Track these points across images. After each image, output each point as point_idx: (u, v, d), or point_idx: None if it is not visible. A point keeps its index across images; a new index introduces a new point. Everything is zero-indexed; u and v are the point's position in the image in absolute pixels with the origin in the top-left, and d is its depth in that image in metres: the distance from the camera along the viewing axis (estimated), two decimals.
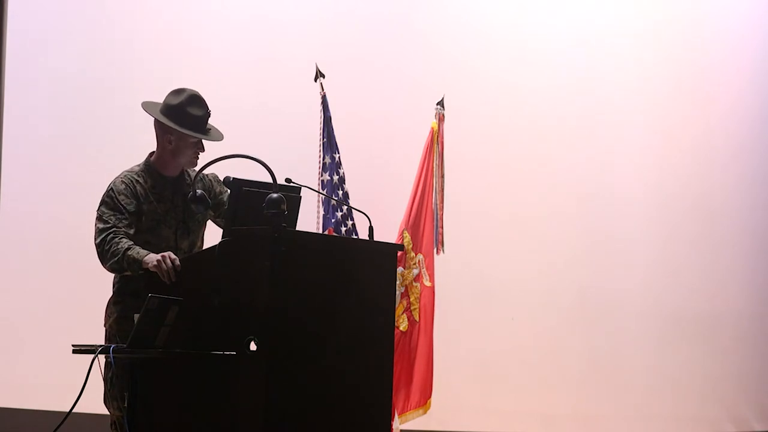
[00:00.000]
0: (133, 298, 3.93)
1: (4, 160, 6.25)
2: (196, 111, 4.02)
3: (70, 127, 6.32)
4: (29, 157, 6.28)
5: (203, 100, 4.06)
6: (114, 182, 4.03)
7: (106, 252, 3.88)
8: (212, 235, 4.18)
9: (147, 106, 4.11)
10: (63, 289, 6.16)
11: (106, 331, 4.05)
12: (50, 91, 6.33)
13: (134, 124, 6.09)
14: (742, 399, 7.36)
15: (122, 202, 3.96)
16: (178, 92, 4.06)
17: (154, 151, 4.12)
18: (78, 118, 6.33)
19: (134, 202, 3.99)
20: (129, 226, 3.96)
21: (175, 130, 4.00)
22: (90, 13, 6.42)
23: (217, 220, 4.19)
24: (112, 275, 4.04)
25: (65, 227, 6.17)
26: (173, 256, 3.75)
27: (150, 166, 4.09)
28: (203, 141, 4.07)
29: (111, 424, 4.03)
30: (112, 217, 3.94)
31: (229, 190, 3.84)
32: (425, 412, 5.94)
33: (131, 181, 4.03)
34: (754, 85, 7.55)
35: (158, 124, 4.07)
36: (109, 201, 3.98)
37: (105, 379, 3.86)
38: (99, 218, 3.97)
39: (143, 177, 4.06)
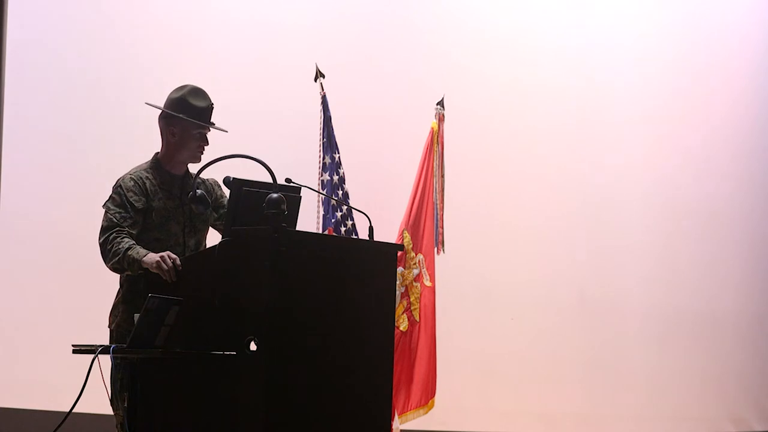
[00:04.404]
0: (142, 299, 3.91)
1: (4, 160, 6.25)
2: (198, 102, 4.04)
3: (70, 127, 6.32)
4: (29, 157, 6.28)
5: (205, 92, 4.08)
6: (122, 179, 4.04)
7: (108, 251, 3.90)
8: (212, 235, 4.19)
9: (150, 104, 4.13)
10: (63, 289, 6.16)
11: (112, 332, 4.02)
12: (50, 92, 6.33)
13: (134, 124, 6.12)
14: (742, 399, 7.37)
15: (130, 199, 3.97)
16: (181, 87, 4.09)
17: (158, 151, 4.13)
18: (78, 119, 6.33)
19: (143, 199, 4.00)
20: (133, 225, 3.96)
21: (179, 120, 4.02)
22: (90, 13, 6.42)
23: (217, 223, 4.19)
24: (114, 274, 4.04)
25: (65, 227, 6.17)
26: (173, 255, 3.75)
27: (157, 163, 4.11)
28: (207, 136, 4.08)
29: (117, 426, 4.02)
30: (117, 215, 3.94)
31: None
32: (426, 412, 5.94)
33: (140, 177, 4.03)
34: (754, 85, 7.56)
35: (162, 119, 4.08)
36: (117, 198, 3.99)
37: (113, 381, 3.86)
38: (104, 215, 3.98)
39: (152, 173, 4.07)
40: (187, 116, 4.02)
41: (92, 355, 3.48)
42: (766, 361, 7.46)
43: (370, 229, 4.17)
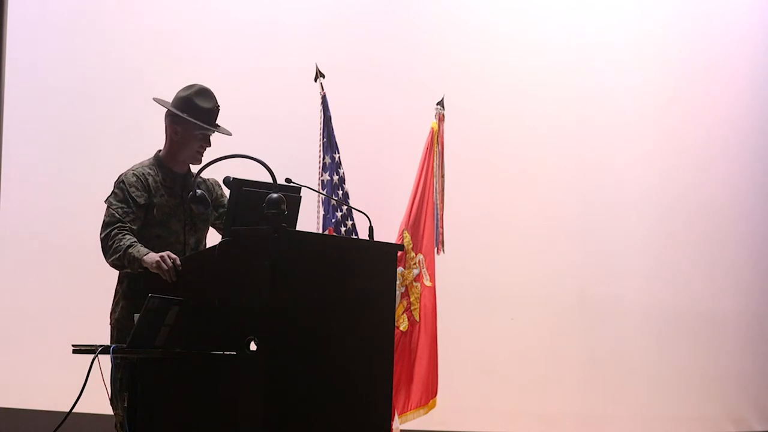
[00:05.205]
0: (142, 297, 3.91)
1: (4, 160, 6.25)
2: (204, 103, 4.05)
3: (70, 126, 6.33)
4: (29, 157, 6.29)
5: (212, 94, 4.09)
6: (125, 174, 4.05)
7: (109, 247, 3.90)
8: (212, 236, 4.19)
9: (158, 100, 4.15)
10: (63, 289, 6.16)
11: (112, 328, 4.03)
12: (50, 91, 6.33)
13: (134, 124, 6.13)
14: (742, 399, 7.37)
15: (132, 195, 3.98)
16: (189, 86, 4.10)
17: (161, 149, 4.15)
18: (78, 118, 6.33)
19: (145, 195, 4.01)
20: (135, 220, 3.97)
21: (182, 120, 4.03)
22: (90, 13, 6.42)
23: (217, 222, 4.20)
24: (114, 273, 4.05)
25: (65, 227, 6.18)
26: (173, 255, 3.75)
27: (160, 161, 4.12)
28: (209, 138, 4.09)
29: (116, 425, 4.02)
30: (119, 210, 3.95)
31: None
32: (426, 412, 5.94)
33: (142, 174, 4.05)
34: (754, 85, 7.55)
35: (167, 116, 4.10)
36: (119, 193, 3.99)
37: (113, 380, 3.86)
38: (106, 210, 3.99)
39: (154, 170, 4.09)
40: (191, 116, 4.02)
41: (92, 355, 3.48)
42: (766, 361, 7.46)
43: (370, 229, 4.17)
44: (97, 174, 5.72)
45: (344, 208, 5.86)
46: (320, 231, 5.74)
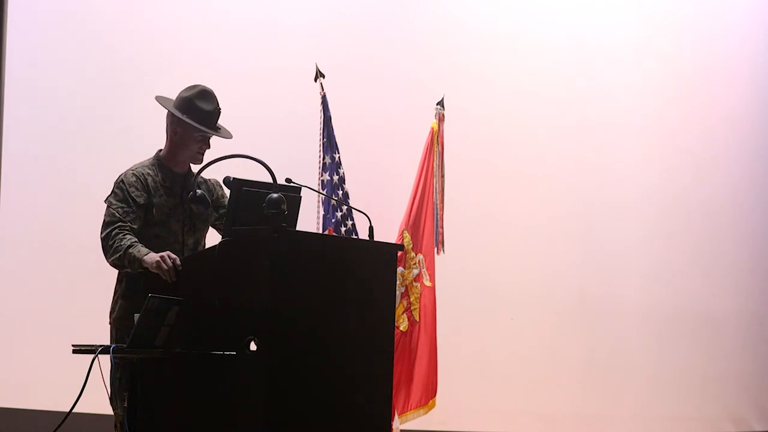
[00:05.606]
0: (141, 297, 3.91)
1: (4, 160, 6.25)
2: (205, 105, 4.05)
3: (70, 127, 6.32)
4: (29, 157, 6.28)
5: (214, 95, 4.09)
6: (125, 174, 4.06)
7: (109, 247, 3.91)
8: (212, 236, 4.19)
9: (160, 99, 4.15)
10: (63, 289, 6.16)
11: (111, 326, 4.04)
12: (50, 91, 6.33)
13: (134, 124, 6.13)
14: (742, 399, 7.37)
15: (132, 194, 3.99)
16: (191, 87, 4.10)
17: (162, 148, 4.15)
18: (78, 118, 6.33)
19: (145, 195, 4.02)
20: (135, 220, 3.98)
21: (182, 121, 4.03)
22: (90, 13, 6.42)
23: (217, 223, 4.20)
24: (114, 273, 4.05)
25: (65, 226, 6.18)
26: (173, 255, 3.75)
27: (160, 161, 4.12)
28: (209, 140, 4.09)
29: (116, 425, 4.03)
30: (119, 209, 3.96)
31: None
32: (426, 412, 5.94)
33: (142, 174, 4.06)
34: (754, 85, 7.55)
35: (168, 116, 4.10)
36: (119, 192, 4.00)
37: (113, 380, 3.86)
38: (106, 210, 3.99)
39: (154, 170, 4.09)
40: (191, 118, 4.03)
41: (92, 355, 3.48)
42: (766, 361, 7.46)
43: (370, 229, 4.17)
44: (97, 174, 5.72)
45: (344, 208, 5.86)
46: (320, 231, 5.74)
